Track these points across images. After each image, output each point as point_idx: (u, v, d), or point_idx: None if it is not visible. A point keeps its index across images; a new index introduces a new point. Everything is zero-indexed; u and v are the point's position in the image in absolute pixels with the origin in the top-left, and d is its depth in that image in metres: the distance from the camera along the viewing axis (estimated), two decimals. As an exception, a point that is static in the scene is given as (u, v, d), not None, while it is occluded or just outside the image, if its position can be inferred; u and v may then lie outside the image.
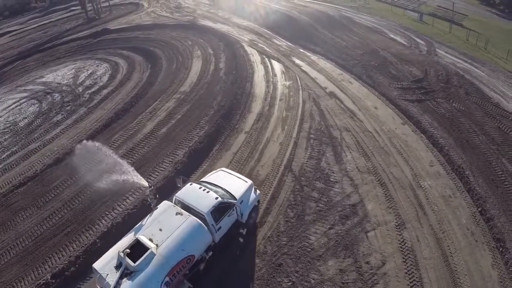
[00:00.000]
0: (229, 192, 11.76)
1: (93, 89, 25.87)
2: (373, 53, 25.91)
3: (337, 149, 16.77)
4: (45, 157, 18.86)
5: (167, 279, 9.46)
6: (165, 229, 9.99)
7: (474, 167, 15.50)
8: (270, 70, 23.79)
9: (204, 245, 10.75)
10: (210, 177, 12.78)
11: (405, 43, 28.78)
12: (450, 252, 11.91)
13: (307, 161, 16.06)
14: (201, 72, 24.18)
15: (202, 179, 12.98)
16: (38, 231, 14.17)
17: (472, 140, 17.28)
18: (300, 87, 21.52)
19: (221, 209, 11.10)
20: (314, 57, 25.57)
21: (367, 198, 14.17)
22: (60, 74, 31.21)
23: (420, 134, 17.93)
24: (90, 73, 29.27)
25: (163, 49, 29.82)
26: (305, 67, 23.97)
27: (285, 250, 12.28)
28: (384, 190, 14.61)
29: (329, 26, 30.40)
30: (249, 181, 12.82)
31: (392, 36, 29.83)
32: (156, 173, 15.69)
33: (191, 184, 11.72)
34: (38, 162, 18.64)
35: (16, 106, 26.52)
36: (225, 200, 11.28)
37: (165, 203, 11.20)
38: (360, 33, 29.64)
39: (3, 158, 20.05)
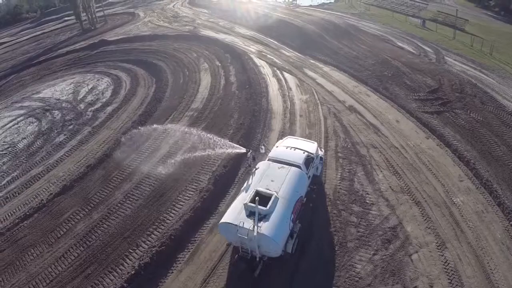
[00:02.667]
0: (307, 150, 13.68)
1: (96, 106, 24.26)
2: (385, 63, 25.06)
3: (367, 168, 15.84)
4: (51, 184, 17.25)
5: (292, 216, 11.17)
6: (276, 179, 11.62)
7: (500, 179, 15.03)
8: (284, 84, 22.65)
9: (306, 187, 12.82)
10: (284, 142, 14.50)
11: (414, 52, 28.08)
12: (491, 269, 11.58)
13: (339, 182, 15.02)
14: (211, 86, 22.90)
15: (277, 144, 14.66)
16: (53, 273, 12.57)
17: (495, 152, 16.83)
18: (318, 101, 20.44)
19: (308, 161, 13.20)
20: (326, 68, 24.56)
21: (406, 219, 13.46)
22: (58, 89, 29.40)
23: (445, 148, 17.26)
24: (91, 88, 27.62)
25: (166, 62, 28.43)
26: (319, 79, 22.94)
27: (334, 282, 11.40)
28: (420, 210, 13.94)
29: (336, 35, 29.54)
30: (315, 142, 14.92)
31: (399, 44, 29.11)
32: (181, 203, 14.28)
33: (277, 147, 13.82)
34: (43, 190, 17.01)
35: (13, 125, 24.61)
36: (309, 154, 13.43)
37: (263, 163, 12.85)
38: (368, 42, 28.83)
39: (4, 184, 18.28)
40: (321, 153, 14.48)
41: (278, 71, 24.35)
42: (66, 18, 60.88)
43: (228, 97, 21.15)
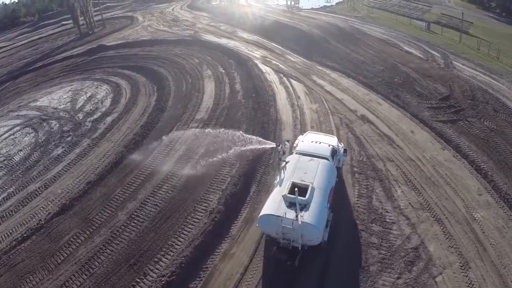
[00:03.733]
0: (331, 144, 13.97)
1: (95, 116, 22.95)
2: (394, 69, 24.03)
3: (385, 184, 14.81)
4: (49, 202, 15.94)
5: (328, 204, 11.57)
6: (308, 171, 11.92)
7: (519, 192, 14.05)
8: (292, 92, 21.50)
9: (335, 178, 13.06)
10: (306, 137, 14.74)
11: (422, 56, 27.09)
12: (514, 288, 10.93)
13: (357, 200, 13.96)
14: (216, 95, 21.71)
15: (299, 139, 14.87)
16: (55, 305, 11.36)
17: (511, 162, 15.94)
18: (329, 111, 19.34)
19: (333, 153, 13.56)
20: (334, 75, 23.47)
21: (427, 238, 12.59)
22: (55, 98, 28.04)
23: (462, 160, 16.34)
24: (90, 96, 26.31)
25: (168, 68, 27.22)
26: (328, 86, 21.85)
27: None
28: (441, 227, 13.06)
29: (342, 40, 28.50)
30: (334, 136, 15.38)
31: (407, 48, 28.12)
32: (190, 226, 13.08)
33: (303, 141, 14.12)
34: (41, 208, 15.69)
35: (9, 136, 23.26)
36: (334, 147, 13.79)
37: (292, 157, 13.11)
38: (375, 46, 27.80)
39: (0, 201, 17.04)
40: (341, 145, 14.82)
41: (284, 78, 23.25)
42: (64, 22, 59.40)
43: (235, 106, 20.00)
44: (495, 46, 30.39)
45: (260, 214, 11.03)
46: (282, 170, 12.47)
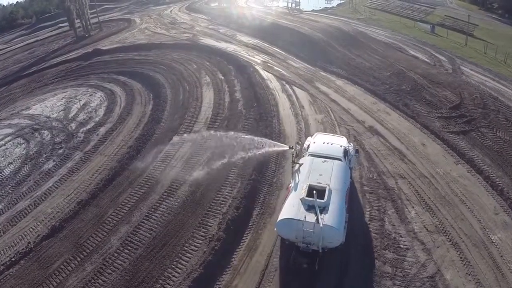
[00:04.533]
0: (342, 144, 13.53)
1: (88, 126, 21.51)
2: (401, 75, 22.64)
3: (397, 204, 13.43)
4: (39, 223, 14.53)
5: (346, 205, 11.24)
6: (324, 173, 11.57)
7: (537, 211, 12.84)
8: (296, 101, 20.06)
9: (349, 179, 12.71)
10: (316, 138, 14.16)
11: (429, 61, 25.69)
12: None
13: (369, 223, 12.61)
14: (215, 104, 20.27)
15: (308, 141, 14.22)
16: None
17: (527, 178, 14.64)
18: (336, 122, 17.97)
19: (345, 154, 13.09)
20: (339, 82, 22.05)
21: (444, 266, 11.30)
22: (48, 105, 26.58)
23: (477, 175, 14.98)
24: (83, 104, 24.87)
25: (165, 75, 25.75)
26: (333, 95, 20.44)
27: None
28: (458, 252, 11.74)
29: (346, 44, 27.08)
30: (344, 137, 14.78)
31: (412, 53, 26.73)
32: (188, 255, 11.69)
33: (314, 143, 13.54)
34: (31, 230, 14.30)
35: (0, 146, 22.04)
36: (345, 147, 13.34)
37: (305, 159, 12.58)
38: (380, 51, 26.39)
39: (-13, 220, 15.73)
40: (351, 146, 14.41)
41: (287, 86, 21.81)
42: (60, 25, 57.73)
43: (235, 117, 18.59)
44: (502, 50, 29.13)
45: (279, 218, 10.55)
46: (296, 173, 12.03)
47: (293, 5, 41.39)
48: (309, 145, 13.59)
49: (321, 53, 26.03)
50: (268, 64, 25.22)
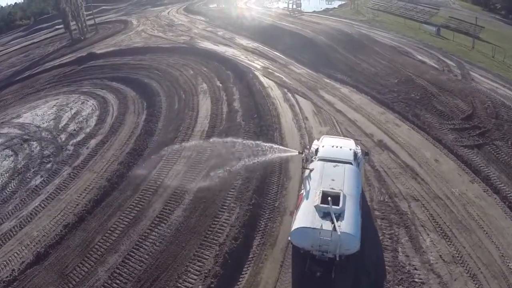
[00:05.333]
0: (351, 147, 12.92)
1: (78, 138, 19.80)
2: (409, 82, 20.85)
3: (411, 231, 11.82)
4: (23, 248, 12.98)
5: (360, 211, 10.76)
6: (336, 178, 11.02)
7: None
8: (298, 111, 18.26)
9: (361, 182, 12.36)
10: (323, 142, 13.39)
11: (437, 66, 23.89)
12: None
13: (381, 254, 11.03)
14: (212, 115, 18.49)
15: (315, 144, 13.41)
16: None
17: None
18: (342, 136, 16.20)
19: (355, 157, 12.52)
20: (344, 90, 20.23)
21: None
22: (39, 114, 24.85)
23: (493, 195, 13.44)
24: (74, 113, 23.11)
25: (160, 81, 23.90)
26: (338, 104, 18.64)
27: None
28: (477, 285, 10.37)
29: (351, 47, 25.21)
30: (351, 139, 14.19)
31: (419, 57, 24.90)
32: (180, 294, 10.15)
33: (323, 147, 12.77)
34: (15, 255, 12.77)
35: (-12, 158, 20.41)
36: (355, 150, 12.76)
37: (316, 164, 11.92)
38: (386, 55, 24.55)
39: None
40: (358, 148, 13.71)
41: (289, 94, 19.98)
42: (57, 27, 55.49)
43: (233, 130, 16.80)
44: (510, 53, 27.43)
45: (294, 227, 9.93)
46: (307, 179, 11.34)
47: (294, 6, 39.44)
48: (317, 149, 12.74)
49: (324, 57, 24.19)
50: (269, 70, 23.41)
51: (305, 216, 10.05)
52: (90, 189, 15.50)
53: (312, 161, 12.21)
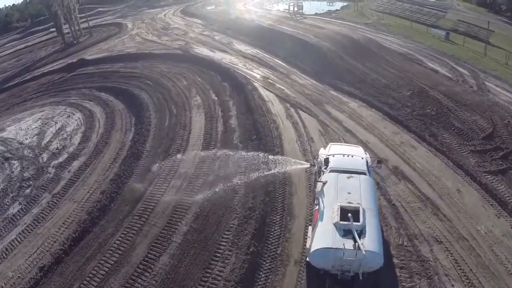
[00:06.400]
0: (362, 156, 12.00)
1: (60, 159, 17.47)
2: (423, 95, 18.47)
3: (435, 283, 9.77)
4: (-3, 291, 11.06)
5: (380, 224, 10.15)
6: (352, 191, 10.08)
7: None
8: (303, 131, 15.79)
9: (377, 193, 11.52)
10: (331, 150, 12.18)
11: (450, 76, 21.40)
12: None
13: None
14: (206, 135, 16.09)
15: (325, 153, 12.15)
16: None
17: None
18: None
19: (367, 166, 11.55)
20: (353, 104, 17.83)
21: None
22: (24, 127, 22.36)
23: None
24: (59, 128, 20.73)
25: (150, 93, 21.39)
26: (347, 122, 16.25)
27: None
28: None
29: (357, 54, 22.68)
30: (359, 146, 13.25)
31: (431, 65, 22.41)
32: None
33: (333, 156, 11.68)
34: None
35: (-35, 179, 18.16)
36: (366, 159, 11.78)
37: (329, 176, 10.78)
38: (396, 63, 22.08)
39: None
40: (367, 155, 12.76)
41: (292, 109, 17.50)
42: (52, 29, 52.73)
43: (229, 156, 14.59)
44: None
45: (313, 248, 8.93)
46: (321, 194, 10.17)
47: (295, 8, 36.63)
48: (327, 159, 11.48)
49: (330, 66, 21.63)
50: (269, 81, 20.85)
51: (324, 235, 9.09)
52: (69, 223, 13.28)
53: (322, 172, 11.04)
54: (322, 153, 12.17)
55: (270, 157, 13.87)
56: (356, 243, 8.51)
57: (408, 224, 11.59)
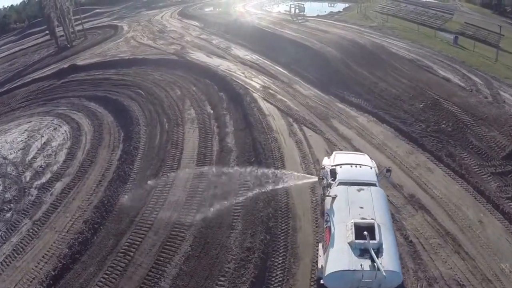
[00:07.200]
0: (369, 165, 10.91)
1: (43, 179, 15.69)
2: (436, 107, 16.62)
3: None
4: None
5: (396, 239, 9.25)
6: (364, 205, 9.02)
7: None
8: (308, 151, 13.89)
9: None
10: (336, 160, 10.99)
11: (463, 85, 19.49)
12: None
13: None
14: (199, 155, 14.23)
15: (330, 163, 10.95)
16: None
17: None
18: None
19: (377, 176, 10.82)
20: (362, 119, 15.96)
21: None
22: (9, 140, 20.60)
23: None
24: (44, 142, 18.95)
25: (141, 104, 19.57)
26: (356, 140, 14.38)
27: None
28: None
29: (365, 62, 20.76)
30: (365, 154, 12.16)
31: (442, 73, 20.46)
32: None
33: (341, 167, 10.48)
34: None
35: None
36: (375, 168, 10.88)
37: (338, 189, 9.55)
38: (406, 71, 20.16)
39: None
40: (374, 163, 11.82)
41: (295, 125, 15.61)
42: (47, 31, 51.46)
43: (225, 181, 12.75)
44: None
45: (329, 271, 8.03)
46: (332, 209, 9.14)
47: (297, 10, 34.38)
48: (333, 169, 10.42)
49: (335, 74, 19.70)
50: (270, 91, 18.97)
51: (339, 256, 8.21)
52: (49, 257, 11.62)
53: (329, 184, 9.96)
54: (327, 163, 11.09)
55: (273, 172, 12.41)
56: (375, 264, 7.69)
57: (427, 265, 9.85)
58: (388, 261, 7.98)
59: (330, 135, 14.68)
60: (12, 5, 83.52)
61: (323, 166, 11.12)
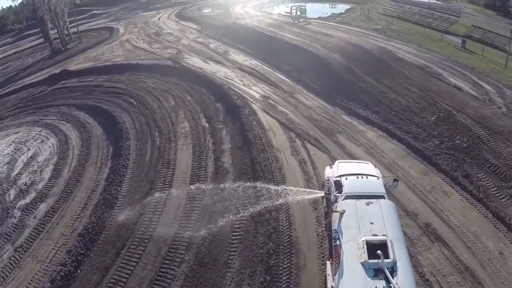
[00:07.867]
0: (375, 175, 10.07)
1: (27, 199, 14.32)
2: (450, 120, 15.26)
3: None
4: None
5: (409, 255, 8.59)
6: (374, 220, 8.28)
7: None
8: (312, 172, 12.45)
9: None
10: (339, 170, 10.01)
11: (475, 94, 18.10)
12: None
13: None
14: (193, 177, 12.83)
15: (333, 173, 9.90)
16: None
17: None
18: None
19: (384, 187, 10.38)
20: (370, 134, 14.47)
21: None
22: (-4, 153, 19.81)
23: None
24: (30, 157, 17.57)
25: (132, 116, 18.18)
26: (365, 159, 12.68)
27: None
28: None
29: (372, 69, 19.27)
30: (369, 162, 11.15)
31: (453, 81, 19.06)
32: None
33: (346, 178, 9.58)
34: None
35: None
36: (381, 179, 10.10)
37: (346, 203, 8.71)
38: (415, 79, 18.71)
39: None
40: (378, 171, 11.04)
41: (298, 141, 14.14)
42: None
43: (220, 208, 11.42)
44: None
45: None
46: (340, 226, 8.20)
47: (298, 12, 32.76)
48: (339, 182, 9.49)
49: (341, 83, 18.22)
50: (270, 101, 17.48)
51: (352, 278, 7.48)
52: (30, 291, 10.59)
53: (335, 197, 9.04)
54: (330, 174, 10.08)
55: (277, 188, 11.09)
56: (391, 285, 7.06)
57: (447, 309, 8.76)
58: (403, 281, 7.31)
59: (337, 153, 13.25)
60: (10, 6, 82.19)
61: (327, 178, 9.96)
